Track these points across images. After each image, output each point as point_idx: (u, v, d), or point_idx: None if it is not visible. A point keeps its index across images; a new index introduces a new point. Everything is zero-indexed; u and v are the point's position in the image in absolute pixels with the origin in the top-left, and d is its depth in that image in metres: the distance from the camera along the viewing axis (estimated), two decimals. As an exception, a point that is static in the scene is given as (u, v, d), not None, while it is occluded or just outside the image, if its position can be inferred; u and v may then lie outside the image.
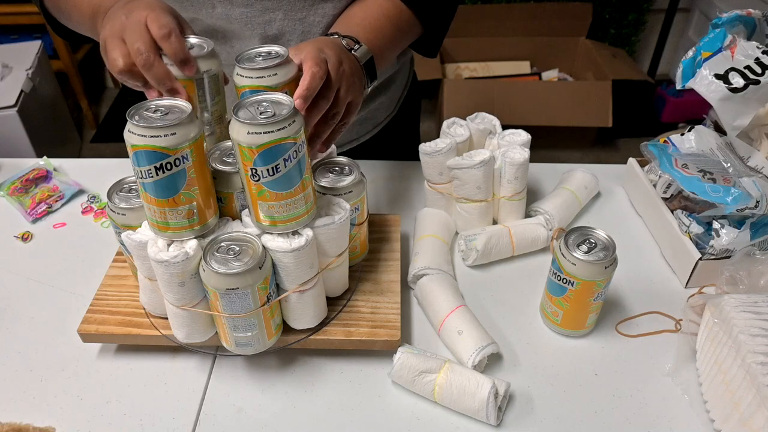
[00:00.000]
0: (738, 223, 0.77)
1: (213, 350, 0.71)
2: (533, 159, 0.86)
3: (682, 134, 0.89)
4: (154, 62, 0.60)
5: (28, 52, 2.19)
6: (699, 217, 0.79)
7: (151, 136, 0.54)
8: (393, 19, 0.79)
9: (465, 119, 0.89)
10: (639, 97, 2.58)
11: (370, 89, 0.74)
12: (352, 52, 0.70)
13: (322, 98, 0.63)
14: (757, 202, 0.75)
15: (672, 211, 0.83)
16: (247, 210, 0.64)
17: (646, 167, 0.93)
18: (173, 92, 0.61)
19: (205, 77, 0.64)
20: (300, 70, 0.62)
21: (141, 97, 0.63)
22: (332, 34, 0.72)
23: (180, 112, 0.57)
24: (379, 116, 1.02)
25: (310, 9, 0.81)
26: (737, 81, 0.78)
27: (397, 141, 1.08)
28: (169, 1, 0.80)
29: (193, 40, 0.64)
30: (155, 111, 0.56)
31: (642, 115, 2.71)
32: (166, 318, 0.67)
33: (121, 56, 0.61)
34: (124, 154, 0.62)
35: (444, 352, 0.72)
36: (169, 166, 0.55)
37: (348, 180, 0.69)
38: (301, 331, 0.69)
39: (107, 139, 2.70)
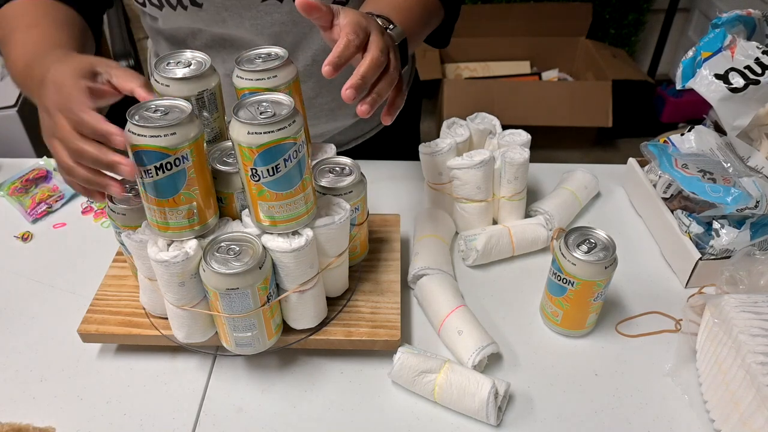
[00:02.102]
0: (738, 223, 0.77)
1: (213, 350, 0.71)
2: (533, 159, 0.86)
3: (682, 134, 0.89)
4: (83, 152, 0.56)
5: (28, 52, 2.19)
6: (699, 217, 0.79)
7: (151, 136, 0.54)
8: (421, 0, 0.77)
9: (465, 119, 0.89)
10: (639, 97, 2.58)
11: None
12: (388, 31, 0.67)
13: (381, 53, 0.59)
14: (757, 202, 0.75)
15: (672, 211, 0.83)
16: (247, 210, 0.64)
17: (646, 167, 0.93)
18: (112, 166, 0.55)
19: (204, 95, 0.63)
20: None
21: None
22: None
23: (180, 111, 0.56)
24: (380, 115, 1.02)
25: None
26: (737, 81, 0.78)
27: (398, 141, 1.08)
28: (178, 16, 0.79)
29: (190, 55, 0.64)
30: (155, 111, 0.56)
31: (642, 115, 2.71)
32: (166, 318, 0.67)
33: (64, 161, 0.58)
34: (124, 154, 0.61)
35: (444, 352, 0.72)
36: (169, 166, 0.55)
37: (348, 180, 0.69)
38: (301, 331, 0.69)
39: (107, 139, 2.69)
